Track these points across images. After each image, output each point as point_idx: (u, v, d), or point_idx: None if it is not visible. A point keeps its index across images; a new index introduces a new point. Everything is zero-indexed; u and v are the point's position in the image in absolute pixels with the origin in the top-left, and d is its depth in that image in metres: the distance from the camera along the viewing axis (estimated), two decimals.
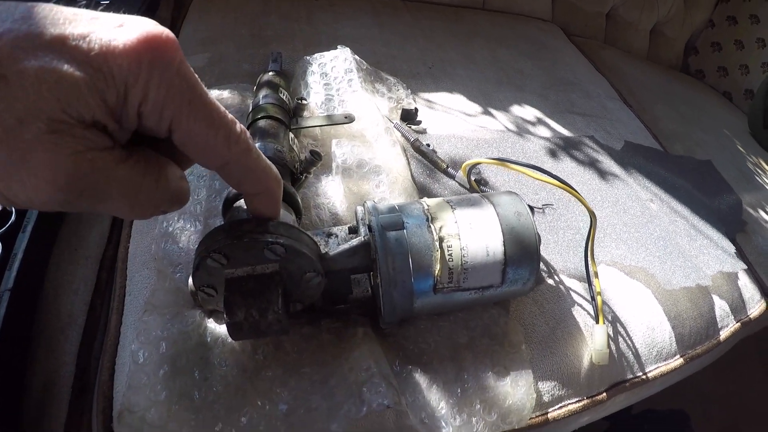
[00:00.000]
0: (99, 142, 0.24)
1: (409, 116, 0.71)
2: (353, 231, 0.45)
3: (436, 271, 0.42)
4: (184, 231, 0.50)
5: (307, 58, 0.72)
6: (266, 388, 0.42)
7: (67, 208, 0.25)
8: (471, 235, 0.43)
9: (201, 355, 0.42)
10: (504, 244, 0.43)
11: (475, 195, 0.48)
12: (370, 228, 0.43)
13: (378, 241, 0.41)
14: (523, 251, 0.44)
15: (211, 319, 0.45)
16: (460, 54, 0.97)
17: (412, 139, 0.67)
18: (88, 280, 0.52)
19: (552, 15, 1.33)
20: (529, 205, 0.47)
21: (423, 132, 0.71)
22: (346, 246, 0.42)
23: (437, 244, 0.42)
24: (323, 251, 0.41)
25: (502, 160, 0.54)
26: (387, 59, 0.87)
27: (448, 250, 0.42)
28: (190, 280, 0.40)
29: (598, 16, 1.39)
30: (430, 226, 0.43)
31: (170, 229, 0.50)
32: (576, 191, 0.51)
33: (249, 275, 0.37)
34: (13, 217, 0.49)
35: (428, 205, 0.45)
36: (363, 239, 0.42)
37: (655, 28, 1.48)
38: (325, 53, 0.74)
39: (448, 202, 0.46)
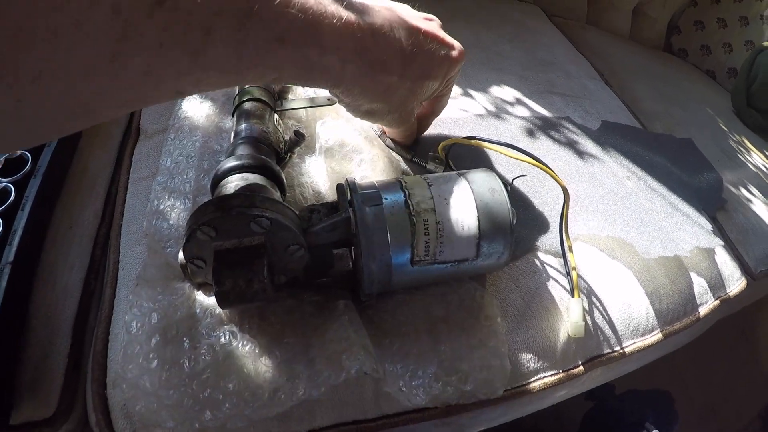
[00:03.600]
0: None
1: None
2: (334, 207, 0.47)
3: (413, 245, 0.43)
4: (174, 209, 0.52)
5: None
6: (251, 357, 0.43)
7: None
8: (446, 210, 0.44)
9: (190, 326, 0.44)
10: (478, 219, 0.45)
11: (451, 173, 0.49)
12: (350, 203, 0.44)
13: (357, 216, 0.43)
14: (496, 226, 0.45)
15: (200, 292, 0.46)
16: None
17: (378, 134, 0.66)
18: (82, 256, 0.54)
19: None
20: (504, 182, 0.47)
21: None
22: (327, 221, 0.44)
23: (414, 218, 0.43)
24: (306, 226, 0.43)
25: (475, 139, 0.54)
26: None
27: (424, 224, 0.43)
28: (181, 254, 0.42)
29: None
30: (407, 201, 0.44)
31: (161, 207, 0.52)
32: (548, 167, 0.52)
33: (236, 247, 0.39)
34: (12, 196, 0.52)
35: (406, 182, 0.46)
36: (343, 215, 0.44)
37: (637, 8, 1.48)
38: None
39: (424, 179, 0.47)
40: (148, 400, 0.41)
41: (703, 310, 0.69)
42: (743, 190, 0.97)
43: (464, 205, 0.45)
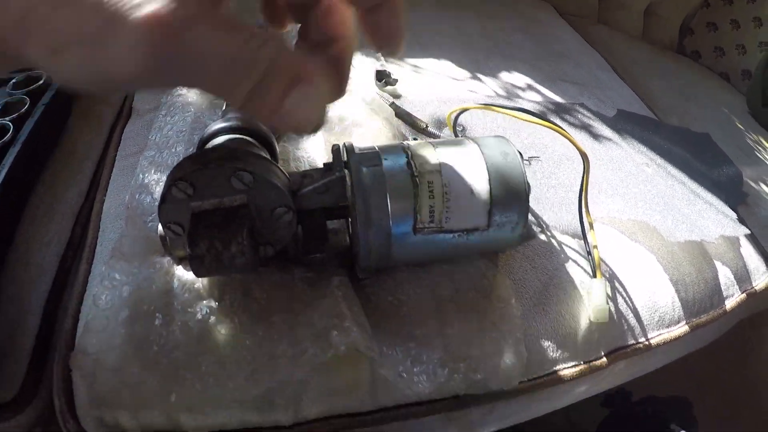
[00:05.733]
0: None
1: (383, 76, 0.68)
2: (329, 170, 0.42)
3: (416, 209, 0.39)
4: (159, 182, 0.49)
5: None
6: (230, 334, 0.39)
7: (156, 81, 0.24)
8: (454, 172, 0.40)
9: (166, 302, 0.40)
10: (490, 183, 0.40)
11: (459, 138, 0.45)
12: (346, 165, 0.40)
13: (353, 177, 0.39)
14: (510, 192, 0.41)
15: (179, 267, 0.42)
16: (450, 26, 0.94)
17: (388, 103, 0.63)
18: (62, 234, 0.51)
19: None
20: (520, 153, 0.43)
21: (398, 96, 0.68)
22: (319, 182, 0.39)
23: (417, 180, 0.39)
24: (296, 188, 0.39)
25: (487, 105, 0.50)
26: None
27: (429, 186, 0.39)
28: (160, 226, 0.38)
29: None
30: (410, 163, 0.40)
31: (146, 180, 0.49)
32: (567, 133, 0.47)
33: (216, 208, 0.36)
34: None
35: (409, 145, 0.42)
36: (337, 174, 0.39)
37: (648, 8, 1.44)
38: None
39: (430, 142, 0.43)
40: (110, 378, 0.37)
41: (729, 304, 0.64)
42: (763, 186, 0.93)
43: (474, 167, 0.40)
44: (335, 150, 0.42)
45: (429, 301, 0.44)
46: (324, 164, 0.43)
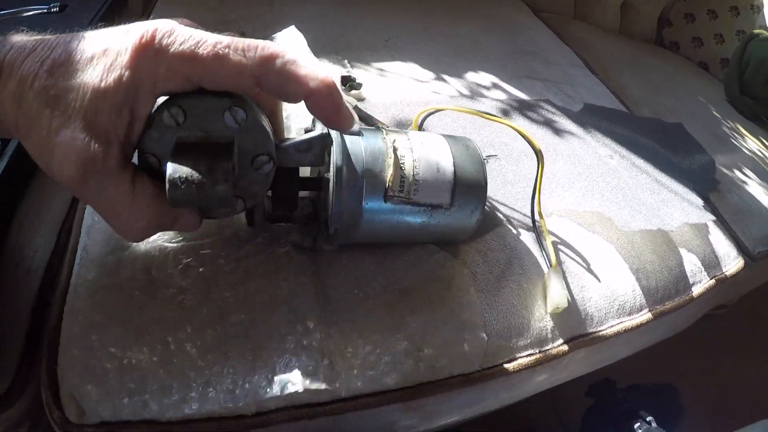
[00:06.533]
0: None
1: (347, 80, 0.70)
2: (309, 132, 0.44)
3: (389, 176, 0.42)
4: None
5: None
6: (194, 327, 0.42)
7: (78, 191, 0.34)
8: (423, 151, 0.44)
9: (145, 277, 0.43)
10: (454, 165, 0.44)
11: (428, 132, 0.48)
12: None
13: (334, 139, 0.41)
14: (471, 178, 0.45)
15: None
16: (418, 28, 0.95)
17: (352, 107, 0.65)
18: (48, 240, 0.53)
19: None
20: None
21: (362, 100, 0.69)
22: (302, 137, 0.41)
23: (391, 151, 0.43)
24: (278, 143, 0.40)
25: (445, 107, 0.53)
26: (344, 35, 0.87)
27: (400, 159, 0.42)
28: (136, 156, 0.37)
29: None
30: (384, 138, 0.44)
31: None
32: (522, 130, 0.50)
33: (202, 141, 0.35)
34: None
35: (384, 128, 0.47)
36: (321, 132, 0.41)
37: (625, 2, 1.46)
38: (277, 34, 0.75)
39: (402, 130, 0.47)
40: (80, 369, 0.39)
41: (696, 290, 0.65)
42: (737, 173, 0.93)
43: (441, 151, 0.44)
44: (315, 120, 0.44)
45: (392, 294, 0.46)
46: (305, 129, 0.45)
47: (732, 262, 0.73)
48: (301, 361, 0.42)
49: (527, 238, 0.55)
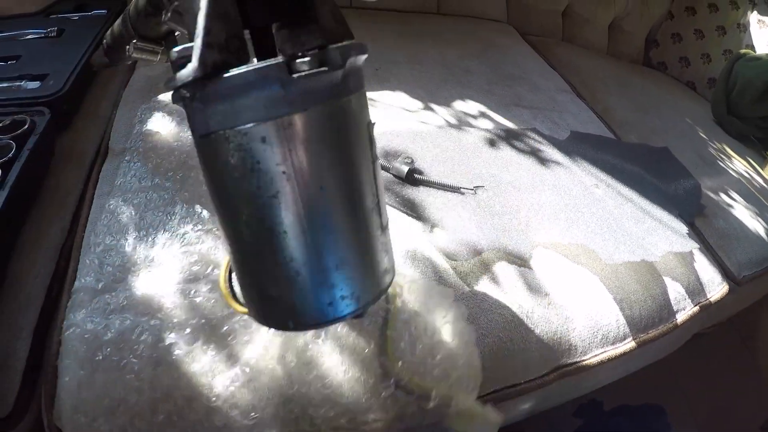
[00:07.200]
0: None
1: None
2: None
3: None
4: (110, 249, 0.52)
5: None
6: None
7: None
8: None
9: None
10: None
11: None
12: None
13: None
14: None
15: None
16: (407, 56, 0.97)
17: None
18: (47, 267, 0.54)
19: (507, 16, 1.34)
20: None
21: None
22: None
23: None
24: None
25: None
26: None
27: None
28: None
29: (554, 14, 1.39)
30: None
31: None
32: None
33: None
34: None
35: None
36: None
37: (613, 23, 1.48)
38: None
39: None
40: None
41: (680, 317, 0.67)
42: (724, 196, 0.95)
43: None
44: None
45: None
46: None
47: (716, 288, 0.74)
48: None
49: (512, 270, 0.56)
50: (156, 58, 0.43)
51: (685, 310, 0.68)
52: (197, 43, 0.26)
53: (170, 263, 0.49)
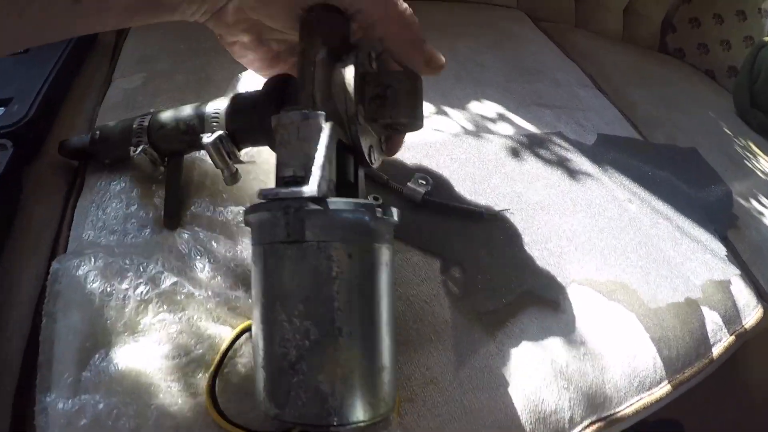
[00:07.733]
0: None
1: None
2: None
3: None
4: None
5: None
6: None
7: None
8: None
9: None
10: None
11: None
12: None
13: None
14: None
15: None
16: None
17: None
18: (22, 325, 0.47)
19: (517, 1, 1.25)
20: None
21: None
22: None
23: None
24: None
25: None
26: None
27: None
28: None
29: None
30: None
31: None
32: None
33: None
34: None
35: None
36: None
37: (628, 6, 1.40)
38: None
39: None
40: None
41: (716, 350, 0.61)
42: (754, 202, 0.88)
43: None
44: None
45: None
46: None
47: (751, 312, 0.68)
48: None
49: (549, 315, 0.50)
50: (154, 170, 0.49)
51: (721, 342, 0.62)
52: (316, 172, 0.33)
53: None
